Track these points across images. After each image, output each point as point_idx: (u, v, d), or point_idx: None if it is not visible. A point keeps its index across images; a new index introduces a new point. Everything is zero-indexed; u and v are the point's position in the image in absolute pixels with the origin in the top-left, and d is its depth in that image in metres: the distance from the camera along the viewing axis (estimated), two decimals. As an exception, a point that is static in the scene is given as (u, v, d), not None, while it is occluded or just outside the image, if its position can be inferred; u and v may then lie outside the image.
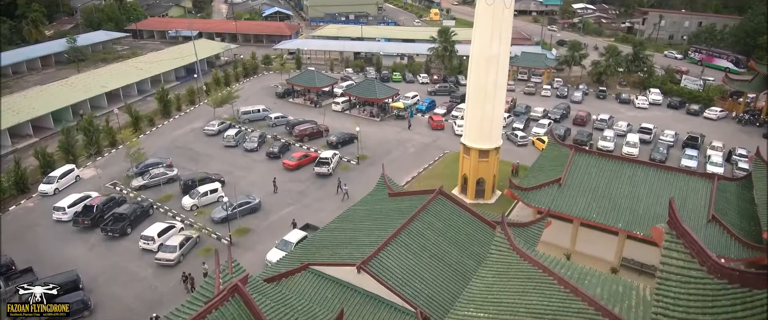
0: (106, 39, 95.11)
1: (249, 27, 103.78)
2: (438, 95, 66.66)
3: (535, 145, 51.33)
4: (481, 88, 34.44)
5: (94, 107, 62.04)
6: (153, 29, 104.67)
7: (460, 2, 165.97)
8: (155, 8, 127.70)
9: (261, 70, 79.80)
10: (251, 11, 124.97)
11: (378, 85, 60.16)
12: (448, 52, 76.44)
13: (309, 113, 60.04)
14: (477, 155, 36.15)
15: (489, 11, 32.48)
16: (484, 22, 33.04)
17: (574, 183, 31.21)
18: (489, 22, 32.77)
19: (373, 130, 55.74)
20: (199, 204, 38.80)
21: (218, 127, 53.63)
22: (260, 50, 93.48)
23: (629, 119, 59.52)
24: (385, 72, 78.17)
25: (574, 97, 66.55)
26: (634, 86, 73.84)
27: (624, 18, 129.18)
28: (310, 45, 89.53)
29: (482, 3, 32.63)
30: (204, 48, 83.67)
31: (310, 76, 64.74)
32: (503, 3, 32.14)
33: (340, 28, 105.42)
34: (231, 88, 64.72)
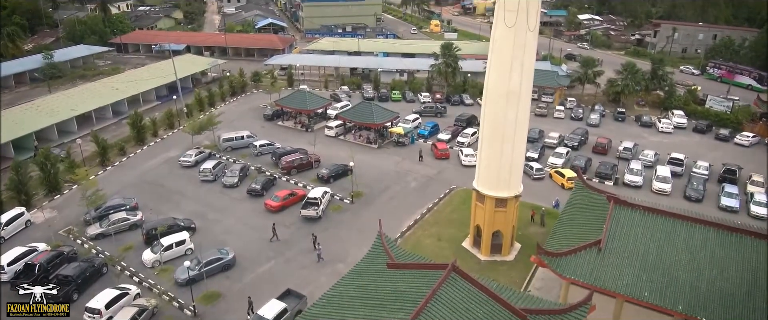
0: (87, 53, 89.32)
1: (239, 40, 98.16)
2: (424, 116, 60.99)
3: (553, 179, 45.44)
4: (499, 126, 28.56)
5: (63, 133, 56.18)
6: (139, 42, 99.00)
7: (461, 13, 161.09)
8: (144, 20, 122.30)
9: (250, 87, 74.02)
10: (244, 23, 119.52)
11: (375, 108, 54.33)
12: (451, 68, 70.79)
13: (299, 139, 54.18)
14: (493, 204, 30.21)
15: (509, 35, 26.71)
16: (503, 48, 27.25)
17: (617, 248, 25.26)
18: (508, 49, 26.98)
19: (369, 159, 49.85)
20: (162, 260, 32.76)
21: (195, 157, 47.67)
22: (251, 65, 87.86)
23: (653, 145, 53.78)
24: (384, 90, 72.44)
25: (590, 119, 60.78)
26: (654, 106, 68.17)
27: (632, 30, 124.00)
28: (304, 60, 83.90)
29: (500, 26, 26.87)
30: (189, 64, 78.07)
31: (300, 97, 58.94)
32: (526, 25, 26.36)
33: (336, 41, 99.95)
34: (212, 112, 58.88)
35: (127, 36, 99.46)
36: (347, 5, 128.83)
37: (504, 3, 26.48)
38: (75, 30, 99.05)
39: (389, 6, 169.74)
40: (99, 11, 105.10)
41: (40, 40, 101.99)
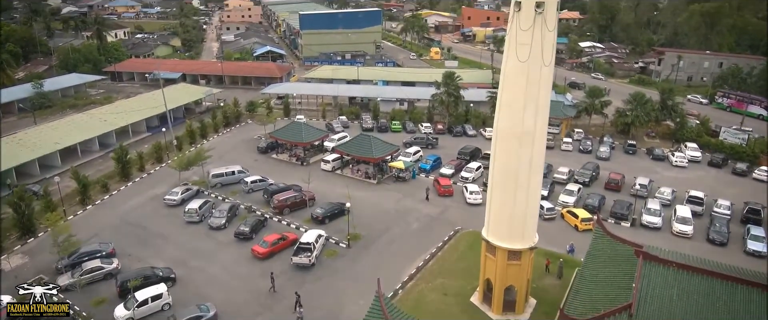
0: (79, 82, 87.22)
1: (236, 68, 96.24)
2: (414, 146, 58.33)
3: (565, 219, 42.31)
4: (511, 171, 25.66)
5: (45, 167, 53.34)
6: (133, 71, 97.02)
7: (460, 40, 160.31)
8: (141, 47, 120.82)
9: (244, 117, 71.46)
10: (242, 50, 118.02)
11: (374, 141, 51.55)
12: (452, 98, 68.37)
13: (293, 173, 51.22)
14: (505, 256, 27.06)
15: (521, 71, 24.06)
16: (515, 84, 24.58)
17: (651, 313, 22.01)
18: (521, 86, 24.30)
19: (368, 196, 46.83)
20: (135, 317, 29.38)
21: (182, 195, 44.61)
22: (248, 94, 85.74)
23: (669, 181, 50.84)
24: (383, 120, 69.87)
25: (600, 152, 57.99)
26: (664, 138, 65.49)
27: (635, 57, 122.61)
28: (301, 89, 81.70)
29: (511, 60, 24.23)
30: (182, 93, 75.79)
31: (296, 128, 56.24)
32: (541, 59, 23.72)
33: (334, 69, 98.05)
34: (201, 146, 56.14)
35: (122, 64, 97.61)
36: (347, 33, 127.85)
37: (515, 36, 23.92)
38: (69, 58, 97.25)
39: (389, 33, 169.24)
40: (95, 39, 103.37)
41: (33, 68, 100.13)
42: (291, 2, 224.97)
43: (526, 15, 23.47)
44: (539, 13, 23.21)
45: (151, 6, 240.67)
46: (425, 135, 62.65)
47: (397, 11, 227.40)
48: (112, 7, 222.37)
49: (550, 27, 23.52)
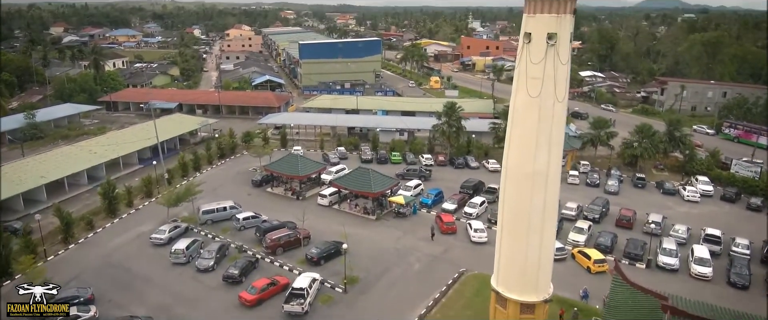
0: (73, 112, 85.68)
1: (234, 98, 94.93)
2: (406, 178, 56.19)
3: (576, 260, 39.77)
4: (523, 214, 23.43)
5: (30, 202, 50.96)
6: (129, 101, 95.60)
7: (460, 69, 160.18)
8: (139, 77, 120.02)
9: (240, 148, 69.47)
10: (241, 80, 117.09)
11: (373, 175, 49.40)
12: (454, 129, 66.56)
13: (288, 209, 48.88)
14: (517, 309, 24.55)
15: (533, 106, 22.12)
16: (526, 121, 22.59)
17: (686, 381, 19.41)
18: (533, 123, 22.32)
19: (366, 233, 44.41)
20: (109, 375, 26.66)
21: (169, 233, 42.17)
22: (245, 124, 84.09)
23: (682, 218, 48.52)
24: (383, 151, 67.90)
25: (608, 186, 55.78)
26: (673, 170, 63.44)
27: (636, 86, 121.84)
28: (298, 119, 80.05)
29: (522, 95, 22.32)
30: (177, 124, 74.06)
31: (292, 161, 54.17)
32: (554, 95, 21.78)
33: (333, 98, 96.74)
34: (192, 181, 53.95)
35: (118, 94, 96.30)
36: (346, 62, 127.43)
37: (525, 69, 22.06)
38: (64, 88, 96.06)
39: (388, 62, 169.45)
40: (92, 68, 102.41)
41: (27, 97, 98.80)
42: (291, 32, 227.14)
43: (537, 47, 21.67)
44: (551, 45, 21.42)
45: (153, 35, 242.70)
46: (418, 166, 60.60)
47: (397, 40, 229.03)
48: (113, 37, 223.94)
49: (563, 60, 21.69)
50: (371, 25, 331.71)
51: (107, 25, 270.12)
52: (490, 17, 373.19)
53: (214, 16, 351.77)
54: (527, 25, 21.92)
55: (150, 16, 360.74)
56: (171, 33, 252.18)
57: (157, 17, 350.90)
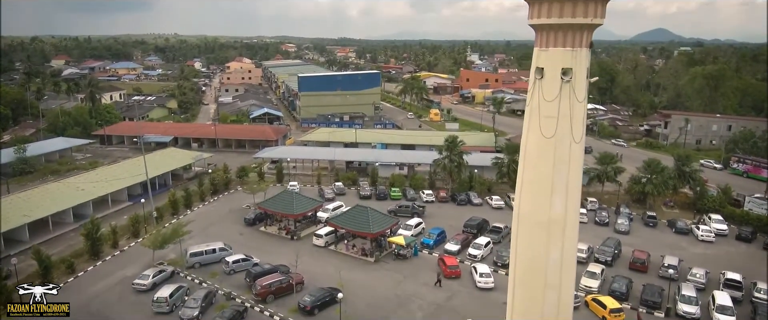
0: (65, 146, 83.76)
1: (230, 131, 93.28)
2: (399, 215, 53.69)
3: (590, 308, 36.91)
4: (538, 268, 20.98)
5: (11, 242, 48.26)
6: (124, 134, 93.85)
7: (460, 101, 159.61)
8: (135, 110, 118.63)
9: (234, 184, 67.18)
10: (239, 112, 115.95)
11: (372, 214, 46.95)
12: (455, 163, 64.49)
13: (282, 250, 46.23)
14: (532, 375, 21.72)
15: (547, 148, 19.99)
16: (539, 165, 20.41)
17: None
18: (548, 167, 20.13)
19: (364, 277, 41.67)
20: None
21: (153, 278, 39.39)
22: (241, 158, 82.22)
23: (698, 259, 45.85)
24: (382, 187, 65.61)
25: (618, 224, 53.24)
26: (683, 207, 61.05)
27: (638, 120, 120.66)
28: (295, 153, 78.08)
29: (535, 136, 20.22)
30: (170, 158, 72.02)
31: (286, 199, 51.82)
32: (570, 136, 19.68)
33: (332, 131, 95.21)
34: (179, 220, 51.44)
35: (112, 127, 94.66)
36: (345, 94, 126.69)
37: (538, 107, 20.03)
38: (58, 121, 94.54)
39: (388, 95, 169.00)
40: (87, 101, 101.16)
41: (20, 131, 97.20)
42: (291, 65, 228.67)
43: (550, 83, 19.70)
44: (566, 81, 19.45)
45: (153, 68, 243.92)
46: (411, 203, 58.21)
47: (396, 73, 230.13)
48: (113, 69, 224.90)
49: (579, 97, 19.68)
50: (371, 57, 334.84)
51: (109, 58, 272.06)
52: (488, 50, 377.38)
53: (216, 49, 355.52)
54: (539, 59, 20.01)
55: (152, 50, 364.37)
56: (172, 66, 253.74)
57: (158, 50, 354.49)
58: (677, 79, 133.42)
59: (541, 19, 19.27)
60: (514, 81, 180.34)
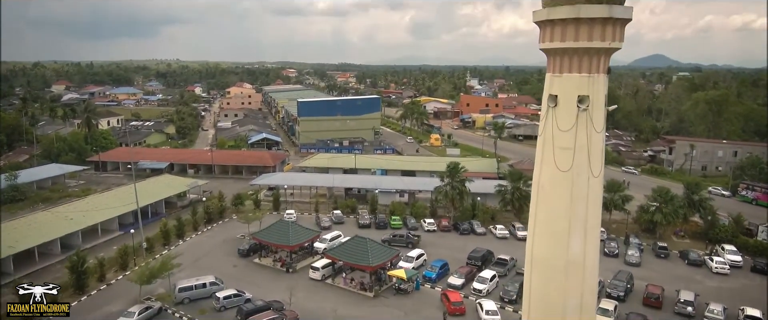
0: (59, 173, 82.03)
1: (227, 157, 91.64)
2: (394, 245, 51.50)
3: (604, 349, 34.53)
4: (555, 315, 18.90)
5: (-6, 275, 46.09)
6: (119, 160, 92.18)
7: (460, 126, 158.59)
8: (133, 135, 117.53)
9: (229, 212, 65.17)
10: (237, 138, 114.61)
11: (371, 246, 44.87)
12: (457, 191, 62.59)
13: (277, 283, 44.03)
14: None
15: (563, 183, 18.25)
16: (555, 201, 18.64)
17: None
18: (564, 203, 18.36)
19: (363, 314, 39.40)
20: None
21: (139, 316, 37.11)
22: (238, 184, 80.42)
23: (714, 294, 43.61)
24: (382, 215, 63.57)
25: (628, 256, 51.01)
26: (694, 237, 58.88)
27: (641, 145, 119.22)
28: (293, 180, 76.19)
29: (549, 169, 18.49)
30: (164, 186, 70.15)
31: (282, 228, 49.73)
32: (588, 169, 17.96)
33: (331, 157, 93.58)
34: (169, 252, 49.29)
35: (107, 153, 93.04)
36: (345, 119, 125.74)
37: (552, 138, 18.36)
38: (52, 147, 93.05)
39: (388, 119, 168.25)
40: (83, 127, 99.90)
41: (15, 157, 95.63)
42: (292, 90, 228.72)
43: (565, 112, 18.10)
44: (583, 109, 17.86)
45: (154, 93, 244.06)
46: (406, 233, 56.05)
47: (396, 98, 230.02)
48: (113, 95, 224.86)
49: (597, 127, 18.06)
50: (371, 82, 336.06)
51: (110, 84, 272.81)
52: (487, 75, 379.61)
53: (217, 75, 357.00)
54: (552, 86, 18.46)
55: (153, 75, 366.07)
56: (172, 91, 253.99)
57: (160, 76, 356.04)
58: (679, 104, 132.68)
59: (554, 43, 17.77)
60: (515, 106, 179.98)
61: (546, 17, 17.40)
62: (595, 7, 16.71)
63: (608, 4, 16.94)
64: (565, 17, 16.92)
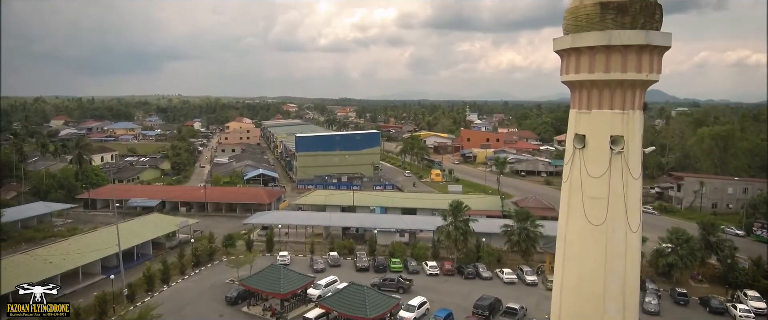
0: (45, 211, 78.78)
1: (221, 194, 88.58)
2: (383, 289, 47.88)
3: None
4: None
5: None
6: (110, 198, 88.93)
7: (461, 161, 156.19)
8: (126, 171, 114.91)
9: (220, 254, 61.69)
10: (232, 174, 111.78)
11: (369, 295, 41.37)
12: (461, 231, 59.38)
13: (267, 336, 40.27)
14: None
15: (596, 238, 15.36)
16: (586, 260, 15.71)
17: None
18: (598, 263, 15.41)
19: (360, 372, 35.53)
20: None
21: (111, 376, 33.39)
22: (231, 223, 77.30)
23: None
24: (381, 258, 60.08)
25: (646, 303, 47.31)
26: (713, 282, 55.32)
27: (649, 182, 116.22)
28: (288, 219, 72.97)
29: (578, 222, 15.64)
30: (152, 225, 66.88)
31: (273, 274, 46.28)
32: (625, 222, 15.09)
33: (328, 194, 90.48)
34: (148, 302, 45.69)
35: (97, 190, 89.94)
36: (344, 154, 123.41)
37: (580, 185, 15.58)
38: (41, 184, 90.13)
39: (387, 154, 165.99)
40: (74, 163, 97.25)
41: (3, 194, 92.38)
42: (291, 124, 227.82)
43: (596, 154, 15.39)
44: (617, 152, 15.14)
45: (152, 128, 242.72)
46: (397, 277, 52.43)
47: (396, 132, 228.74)
48: (111, 130, 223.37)
49: (634, 173, 15.32)
50: (371, 117, 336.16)
51: (109, 119, 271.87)
52: (486, 110, 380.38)
53: (218, 110, 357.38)
54: (579, 124, 15.81)
55: (154, 110, 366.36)
56: (171, 126, 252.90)
57: (160, 111, 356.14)
58: (683, 140, 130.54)
59: (581, 75, 15.20)
60: (516, 141, 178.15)
61: (570, 45, 14.93)
62: (630, 33, 14.24)
63: (643, 29, 14.48)
64: (594, 44, 14.45)
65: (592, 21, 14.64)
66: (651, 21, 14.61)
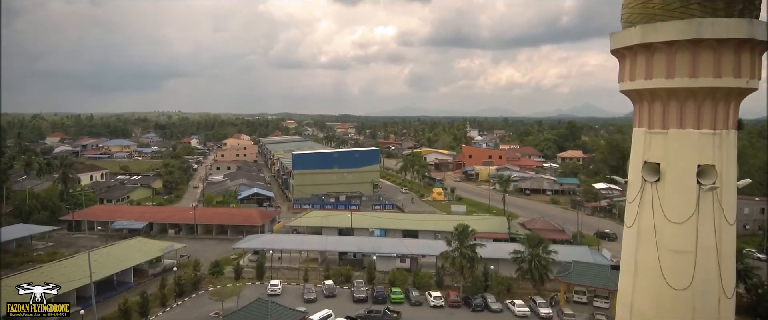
0: (25, 234, 74.20)
1: (211, 216, 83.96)
2: None
3: None
4: None
5: None
6: (94, 219, 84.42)
7: (463, 179, 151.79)
8: (116, 191, 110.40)
9: (206, 282, 56.99)
10: (226, 193, 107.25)
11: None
12: (467, 258, 54.82)
13: (252, 382, 35.52)
14: None
15: (680, 308, 10.99)
16: None
17: None
18: None
19: None
20: None
21: None
22: (221, 246, 72.73)
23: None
24: (380, 287, 55.36)
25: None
26: (741, 312, 50.31)
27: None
28: (281, 243, 68.27)
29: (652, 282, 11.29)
30: (135, 251, 62.27)
31: (260, 309, 41.58)
32: (719, 285, 10.78)
33: (325, 215, 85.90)
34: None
35: (82, 212, 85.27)
36: (342, 172, 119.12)
37: (654, 233, 11.30)
38: (24, 205, 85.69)
39: (387, 172, 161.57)
40: (59, 183, 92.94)
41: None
42: (289, 141, 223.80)
43: (678, 191, 11.14)
44: (708, 188, 10.90)
45: (149, 145, 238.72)
46: (384, 310, 47.70)
47: (396, 149, 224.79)
48: (106, 147, 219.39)
49: (730, 217, 11.11)
50: (370, 133, 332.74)
51: (106, 136, 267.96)
52: (486, 126, 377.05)
53: (216, 126, 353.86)
54: (651, 149, 11.58)
55: (152, 127, 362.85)
56: (168, 143, 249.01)
57: (159, 127, 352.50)
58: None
59: (653, 82, 11.07)
60: (519, 157, 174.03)
61: (640, 40, 10.80)
62: (727, 22, 10.16)
63: (741, 17, 10.40)
64: (674, 39, 10.35)
65: (671, 7, 10.56)
66: (751, 7, 10.54)
